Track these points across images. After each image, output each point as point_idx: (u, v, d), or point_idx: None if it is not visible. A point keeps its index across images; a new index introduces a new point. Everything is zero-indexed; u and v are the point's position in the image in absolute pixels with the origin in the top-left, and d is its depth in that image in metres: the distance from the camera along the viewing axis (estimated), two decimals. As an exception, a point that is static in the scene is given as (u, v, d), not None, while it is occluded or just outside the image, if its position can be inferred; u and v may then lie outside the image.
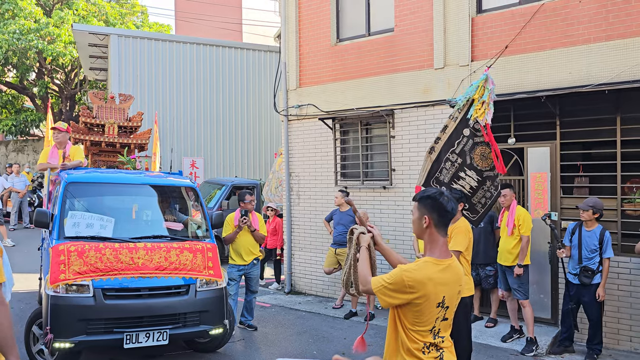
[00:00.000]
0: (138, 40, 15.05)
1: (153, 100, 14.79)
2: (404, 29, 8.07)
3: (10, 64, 20.18)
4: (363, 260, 2.69)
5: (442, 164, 4.91)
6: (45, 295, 4.96)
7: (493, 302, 7.17)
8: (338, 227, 8.02)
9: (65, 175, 6.01)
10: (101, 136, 7.50)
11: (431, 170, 4.82)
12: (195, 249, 5.64)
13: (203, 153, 15.58)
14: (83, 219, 5.54)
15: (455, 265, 2.60)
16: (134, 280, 5.13)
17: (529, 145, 7.11)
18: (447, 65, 7.59)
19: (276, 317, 7.86)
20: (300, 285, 9.41)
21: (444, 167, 4.87)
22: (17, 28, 18.43)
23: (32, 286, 8.42)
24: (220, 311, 5.54)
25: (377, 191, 8.38)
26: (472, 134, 5.00)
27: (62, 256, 5.07)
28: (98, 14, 22.16)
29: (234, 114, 16.05)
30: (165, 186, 6.57)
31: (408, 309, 2.49)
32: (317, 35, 9.14)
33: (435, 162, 4.93)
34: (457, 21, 7.48)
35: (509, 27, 7.06)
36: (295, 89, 9.36)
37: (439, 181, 4.86)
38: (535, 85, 6.77)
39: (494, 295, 7.09)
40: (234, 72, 16.08)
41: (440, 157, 4.90)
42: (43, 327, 4.94)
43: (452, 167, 4.90)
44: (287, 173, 9.56)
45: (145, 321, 5.10)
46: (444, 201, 2.59)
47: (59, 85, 23.08)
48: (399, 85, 8.07)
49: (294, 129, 9.47)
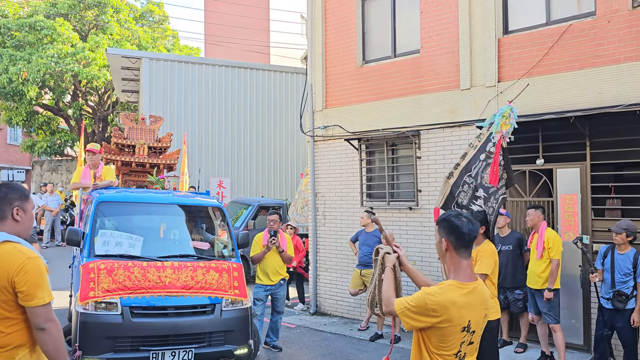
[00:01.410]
0: (168, 63, 15.45)
1: (182, 121, 15.09)
2: (430, 51, 8.10)
3: (47, 87, 20.90)
4: (387, 281, 2.68)
5: (459, 188, 4.90)
6: (75, 312, 5.06)
7: (522, 326, 6.99)
8: (363, 247, 7.98)
9: (96, 195, 6.16)
10: (132, 156, 7.69)
11: (450, 193, 4.80)
12: (221, 268, 5.69)
13: (230, 173, 15.76)
14: (113, 238, 5.66)
15: (481, 288, 2.56)
16: (161, 298, 5.18)
17: (558, 167, 7.00)
18: (473, 86, 7.57)
19: (301, 338, 7.82)
20: (326, 306, 9.36)
21: (462, 190, 4.85)
22: (55, 52, 19.13)
23: (63, 303, 8.57)
24: (245, 331, 5.54)
25: (403, 212, 8.33)
26: (487, 157, 4.98)
27: (92, 274, 5.17)
28: (131, 38, 22.87)
29: (261, 135, 16.24)
30: (193, 206, 6.67)
31: (432, 333, 2.46)
32: (343, 57, 9.24)
33: (454, 186, 4.92)
34: (484, 42, 7.48)
35: (537, 47, 7.02)
36: (322, 110, 9.44)
37: (459, 204, 4.85)
38: (563, 105, 6.69)
39: (523, 319, 6.92)
40: (261, 93, 16.31)
41: (458, 182, 4.90)
42: (72, 343, 5.02)
43: (469, 189, 4.89)
44: (313, 193, 9.60)
45: (171, 340, 5.13)
46: (460, 223, 2.56)
47: (93, 107, 23.77)
48: (425, 106, 8.07)
49: (320, 150, 9.52)
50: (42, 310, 2.59)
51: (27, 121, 22.64)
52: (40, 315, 2.58)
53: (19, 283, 2.55)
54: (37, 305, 2.57)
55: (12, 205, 2.72)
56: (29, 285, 2.56)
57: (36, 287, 2.58)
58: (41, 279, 2.62)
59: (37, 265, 2.63)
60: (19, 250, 2.62)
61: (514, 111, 4.98)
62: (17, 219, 2.73)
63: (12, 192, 2.77)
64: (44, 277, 2.65)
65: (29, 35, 20.23)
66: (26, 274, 2.57)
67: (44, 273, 2.65)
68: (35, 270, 2.61)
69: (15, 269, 2.56)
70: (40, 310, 2.58)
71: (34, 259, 2.62)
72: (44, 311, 2.59)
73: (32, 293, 2.57)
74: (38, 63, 18.75)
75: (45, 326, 2.59)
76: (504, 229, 6.90)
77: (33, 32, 20.23)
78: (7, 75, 18.97)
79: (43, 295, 2.60)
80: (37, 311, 2.58)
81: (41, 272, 2.63)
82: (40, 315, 2.58)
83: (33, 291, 2.57)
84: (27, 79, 18.92)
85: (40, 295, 2.59)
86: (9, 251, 2.60)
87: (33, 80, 18.83)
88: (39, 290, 2.58)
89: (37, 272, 2.61)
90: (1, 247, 2.61)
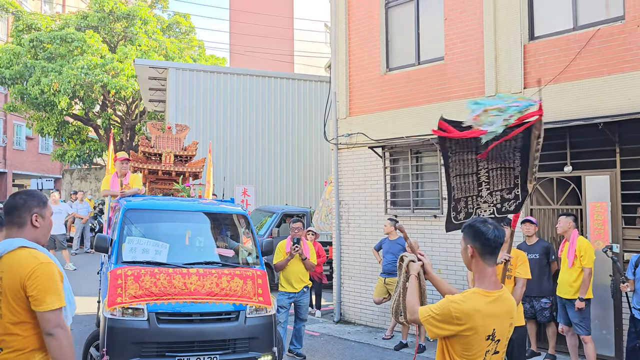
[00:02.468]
0: (194, 73, 15.69)
1: (207, 130, 15.28)
2: (454, 57, 8.05)
3: (77, 97, 21.43)
4: (411, 289, 2.67)
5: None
6: (103, 317, 5.15)
7: (550, 336, 6.84)
8: (387, 256, 7.94)
9: (124, 202, 6.28)
10: (158, 165, 7.81)
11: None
12: (245, 275, 5.72)
13: (254, 181, 15.87)
14: (140, 244, 5.75)
15: (506, 296, 2.53)
16: (186, 305, 5.24)
17: (587, 174, 6.86)
18: (498, 92, 7.48)
19: (325, 346, 7.80)
20: (350, 315, 9.32)
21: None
22: (85, 63, 19.63)
23: (91, 309, 8.73)
24: (269, 338, 5.56)
25: (428, 220, 8.26)
26: None
27: (119, 280, 5.26)
28: (158, 48, 23.32)
29: (286, 143, 16.33)
30: (218, 213, 6.74)
31: (456, 341, 2.43)
32: (366, 65, 9.25)
33: None
34: (509, 48, 7.40)
35: (563, 53, 6.92)
36: (345, 117, 9.46)
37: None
38: (592, 111, 6.57)
39: (551, 329, 6.78)
40: (286, 102, 16.42)
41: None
42: (100, 348, 5.11)
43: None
44: (337, 201, 9.60)
45: (196, 346, 5.18)
46: (486, 229, 2.52)
47: (121, 116, 24.26)
48: (449, 114, 7.95)
49: (344, 158, 9.53)
50: (51, 316, 2.60)
51: (58, 131, 23.24)
52: (49, 320, 2.59)
53: (30, 287, 2.58)
54: (46, 311, 2.59)
55: (31, 212, 2.76)
56: (39, 290, 2.58)
57: (45, 292, 2.59)
58: (51, 285, 2.63)
59: (48, 270, 2.64)
60: (33, 255, 2.65)
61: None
62: (36, 225, 2.77)
63: (31, 199, 2.81)
64: (55, 283, 2.65)
65: (60, 47, 20.81)
66: (37, 279, 2.59)
67: (55, 279, 2.66)
68: (46, 275, 2.62)
69: (27, 274, 2.59)
70: (49, 315, 2.59)
71: (46, 264, 2.64)
72: (52, 317, 2.60)
73: (41, 298, 2.58)
74: (69, 74, 19.26)
75: (54, 332, 2.60)
76: (532, 237, 6.78)
77: (64, 44, 20.81)
78: (39, 86, 19.52)
79: (52, 301, 2.61)
80: (45, 316, 2.59)
81: (52, 278, 2.64)
82: (49, 321, 2.59)
83: (42, 296, 2.58)
84: (58, 90, 19.45)
85: (50, 301, 2.60)
86: (23, 256, 2.63)
87: (64, 91, 19.34)
88: (48, 296, 2.60)
89: (47, 277, 2.62)
90: (17, 252, 2.65)
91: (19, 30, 22.56)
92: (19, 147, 31.14)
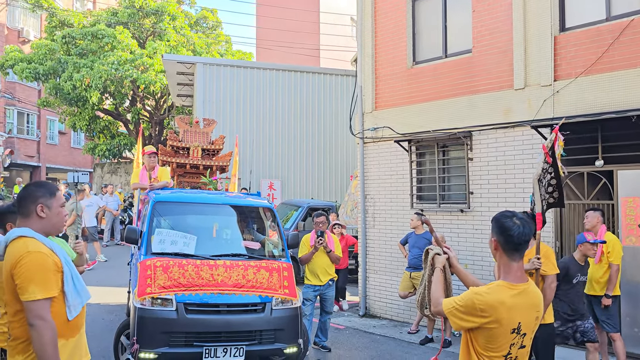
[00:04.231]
0: (221, 68, 15.83)
1: (234, 124, 15.42)
2: (482, 50, 7.94)
3: (108, 93, 21.86)
4: (436, 282, 2.67)
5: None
6: (133, 307, 5.27)
7: None
8: (413, 250, 7.91)
9: (153, 195, 6.40)
10: (186, 158, 7.93)
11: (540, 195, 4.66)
12: (271, 267, 5.78)
13: (281, 175, 15.96)
14: (168, 236, 5.86)
15: (532, 290, 2.50)
16: (214, 296, 5.32)
17: (619, 168, 6.70)
18: (527, 85, 7.37)
19: (350, 339, 7.83)
20: (375, 309, 9.32)
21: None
22: (115, 59, 20.00)
23: (122, 299, 8.95)
24: (294, 330, 5.60)
25: (455, 214, 8.20)
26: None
27: (148, 271, 5.38)
28: (186, 44, 23.59)
29: (311, 137, 16.37)
30: (244, 206, 6.82)
31: (480, 333, 2.42)
32: (393, 59, 9.20)
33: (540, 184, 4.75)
34: (539, 40, 7.27)
35: (595, 44, 6.76)
36: (371, 111, 9.43)
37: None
38: (625, 104, 6.41)
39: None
40: (312, 96, 16.44)
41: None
42: (130, 337, 5.24)
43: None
44: (363, 195, 9.59)
45: (223, 336, 5.26)
46: (511, 225, 2.48)
47: (150, 111, 24.66)
48: (477, 107, 7.92)
49: (370, 152, 9.51)
50: (32, 306, 2.55)
51: (89, 125, 23.74)
52: (30, 310, 2.55)
53: (15, 276, 2.57)
54: (27, 300, 2.54)
55: (36, 202, 2.75)
56: (22, 278, 2.55)
57: (29, 282, 2.54)
58: (36, 274, 2.56)
59: (35, 259, 2.58)
60: (24, 244, 2.62)
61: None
62: (41, 216, 2.75)
63: (38, 189, 2.80)
64: (41, 273, 2.58)
65: (91, 43, 21.25)
66: (21, 267, 2.56)
67: (41, 269, 2.59)
68: (31, 264, 2.57)
69: (15, 263, 2.58)
70: (30, 305, 2.55)
71: (34, 253, 2.58)
72: (33, 307, 2.55)
73: (24, 287, 2.54)
74: (100, 70, 19.65)
75: (34, 323, 2.55)
76: None
77: (95, 40, 21.24)
78: (71, 82, 19.98)
79: (34, 291, 2.55)
80: (27, 306, 2.55)
81: (38, 268, 2.58)
82: (30, 311, 2.55)
83: (25, 285, 2.54)
84: (89, 85, 19.87)
85: (32, 290, 2.54)
86: (17, 246, 2.62)
87: (95, 87, 19.75)
88: (31, 285, 2.54)
89: (32, 267, 2.56)
90: (15, 242, 2.64)
91: (52, 27, 23.11)
92: (52, 141, 31.96)
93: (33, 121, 30.10)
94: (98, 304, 8.67)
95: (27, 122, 29.67)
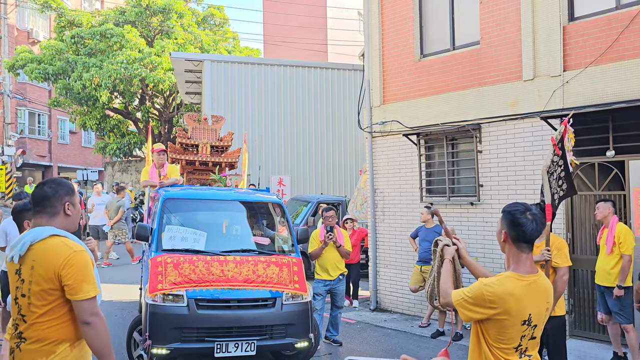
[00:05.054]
0: (229, 65, 15.86)
1: (242, 120, 15.46)
2: (490, 41, 7.88)
3: (117, 91, 21.99)
4: (445, 273, 2.66)
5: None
6: (145, 303, 5.32)
7: None
8: (423, 244, 7.89)
9: (162, 192, 6.44)
10: (195, 155, 7.96)
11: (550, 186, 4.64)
12: (281, 263, 5.80)
13: (290, 171, 15.99)
14: (178, 233, 5.90)
15: (542, 281, 2.49)
16: (224, 291, 5.35)
17: (631, 158, 6.63)
18: (537, 76, 7.31)
19: (361, 333, 7.84)
20: (386, 303, 9.33)
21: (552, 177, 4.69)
22: (124, 58, 20.10)
23: (134, 296, 9.03)
24: (305, 325, 5.63)
25: (464, 207, 8.17)
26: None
27: (159, 267, 5.42)
28: (194, 41, 23.65)
29: (320, 132, 16.36)
30: (254, 202, 6.84)
31: (490, 325, 2.42)
32: (400, 52, 9.16)
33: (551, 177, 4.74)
34: (548, 31, 7.20)
35: (605, 33, 6.69)
36: (379, 105, 9.40)
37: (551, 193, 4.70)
38: (635, 93, 6.33)
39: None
40: (319, 91, 16.43)
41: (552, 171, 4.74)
42: (142, 333, 5.29)
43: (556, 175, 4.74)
44: (372, 190, 9.58)
45: (234, 332, 5.30)
46: (525, 221, 2.46)
47: (159, 109, 24.78)
48: (485, 99, 7.87)
49: (378, 146, 9.49)
50: (87, 305, 2.59)
51: (100, 125, 23.92)
52: (85, 309, 2.59)
53: (65, 277, 2.56)
54: (82, 299, 2.58)
55: (62, 200, 2.75)
56: (74, 279, 2.57)
57: (81, 281, 2.58)
58: (86, 273, 2.62)
59: (82, 258, 2.63)
60: (65, 243, 2.63)
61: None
62: (68, 214, 2.77)
63: (61, 187, 2.79)
64: (90, 271, 2.64)
65: (100, 42, 21.36)
66: (72, 268, 2.57)
67: (89, 267, 2.65)
68: (81, 263, 2.61)
69: (62, 263, 2.56)
70: (85, 304, 2.59)
71: (79, 253, 2.63)
72: (88, 305, 2.60)
73: (78, 287, 2.57)
74: (109, 69, 19.77)
75: (90, 320, 2.60)
76: None
77: (104, 39, 21.35)
78: (81, 81, 20.12)
79: (88, 289, 2.60)
80: (82, 305, 2.59)
81: (86, 266, 2.63)
82: (85, 310, 2.59)
83: (78, 285, 2.57)
84: (99, 85, 20.00)
85: (86, 289, 2.59)
86: (56, 244, 2.61)
87: (105, 86, 19.87)
88: (84, 284, 2.59)
89: (82, 266, 2.61)
90: (48, 240, 2.62)
91: (61, 27, 23.26)
92: (63, 141, 32.26)
93: (44, 121, 30.39)
94: (110, 301, 8.76)
95: (38, 122, 29.97)
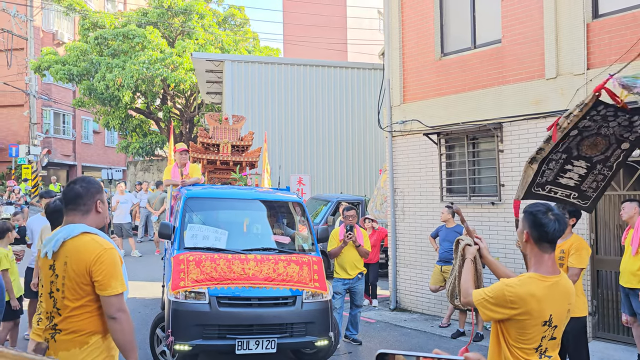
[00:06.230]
0: (249, 65, 15.96)
1: (263, 120, 15.55)
2: (512, 40, 7.81)
3: (140, 92, 22.31)
4: (466, 272, 2.66)
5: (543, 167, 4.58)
6: (167, 300, 5.40)
7: None
8: (444, 243, 7.85)
9: (185, 191, 6.53)
10: (216, 155, 8.05)
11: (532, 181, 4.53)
12: (301, 261, 5.84)
13: (310, 170, 16.03)
14: (200, 231, 5.98)
15: (564, 282, 2.48)
16: (245, 289, 5.41)
17: (657, 157, 6.51)
18: (559, 74, 7.21)
19: (381, 332, 7.84)
20: (406, 303, 9.30)
21: (547, 168, 4.54)
22: (146, 58, 20.39)
23: (156, 293, 9.17)
24: (325, 323, 5.65)
25: (485, 207, 8.10)
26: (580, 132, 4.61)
27: (182, 265, 5.50)
28: (215, 42, 23.86)
29: (340, 132, 16.37)
30: (274, 201, 6.89)
31: (511, 325, 2.41)
32: (420, 51, 9.12)
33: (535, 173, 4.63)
34: (571, 28, 7.10)
35: (631, 30, 6.57)
36: (399, 105, 9.38)
37: (540, 184, 4.55)
38: (662, 91, 6.21)
39: None
40: (339, 90, 16.43)
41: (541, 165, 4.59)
42: (165, 330, 5.38)
43: (557, 165, 4.57)
44: (392, 189, 9.56)
45: (255, 329, 5.35)
46: (547, 221, 2.46)
47: (180, 109, 25.06)
48: (507, 98, 7.80)
49: (398, 145, 9.47)
50: (114, 300, 2.72)
51: (122, 124, 24.29)
52: (112, 304, 2.71)
53: (95, 272, 2.69)
54: (110, 295, 2.71)
55: (94, 198, 2.86)
56: (104, 275, 2.70)
57: (110, 277, 2.71)
58: (115, 270, 2.74)
59: (112, 256, 2.75)
60: (96, 241, 2.75)
61: None
62: (99, 211, 2.88)
63: (92, 185, 2.89)
64: (118, 268, 2.77)
65: (123, 43, 21.69)
66: (102, 264, 2.70)
67: (118, 264, 2.77)
68: (110, 260, 2.73)
69: (93, 259, 2.69)
70: (113, 299, 2.72)
71: (109, 250, 2.75)
72: (115, 301, 2.72)
73: (107, 283, 2.70)
74: (131, 69, 20.06)
75: (116, 315, 2.72)
76: None
77: (127, 40, 21.68)
78: (104, 82, 20.46)
79: (116, 286, 2.73)
80: (110, 300, 2.71)
81: (115, 263, 2.76)
82: (112, 305, 2.71)
83: (107, 281, 2.70)
84: (122, 85, 20.31)
85: (114, 285, 2.72)
86: (87, 242, 2.73)
87: (127, 86, 20.17)
88: (112, 280, 2.72)
89: (111, 263, 2.73)
90: (80, 237, 2.74)
91: (85, 29, 23.68)
92: (87, 140, 32.85)
93: (68, 121, 30.99)
94: (134, 298, 8.90)
95: (62, 122, 30.57)
